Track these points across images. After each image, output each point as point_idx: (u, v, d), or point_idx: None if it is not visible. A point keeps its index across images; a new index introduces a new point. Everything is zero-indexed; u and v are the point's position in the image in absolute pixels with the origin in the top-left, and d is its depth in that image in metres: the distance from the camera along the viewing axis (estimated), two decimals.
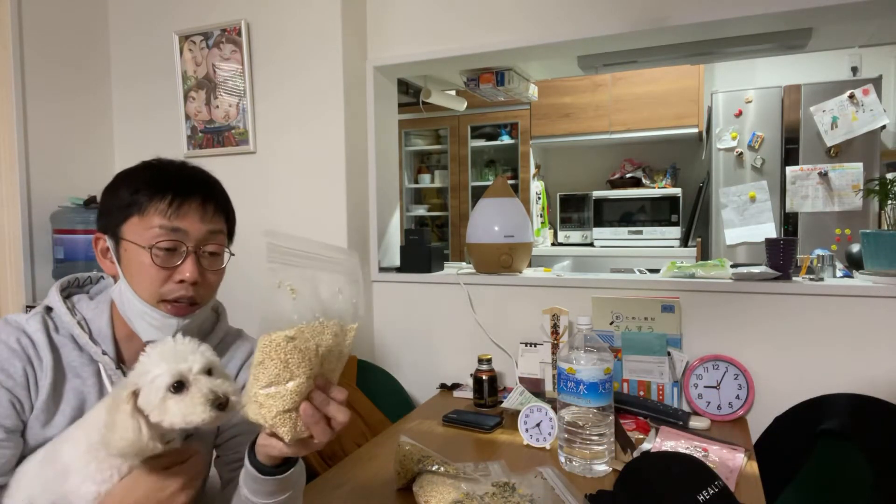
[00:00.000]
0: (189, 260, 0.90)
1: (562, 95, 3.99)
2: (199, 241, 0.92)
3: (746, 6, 1.63)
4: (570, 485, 1.15)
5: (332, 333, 0.75)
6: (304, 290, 0.75)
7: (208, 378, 0.78)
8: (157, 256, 0.88)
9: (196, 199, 0.92)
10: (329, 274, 0.78)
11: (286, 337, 0.72)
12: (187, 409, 0.75)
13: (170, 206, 0.89)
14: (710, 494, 0.94)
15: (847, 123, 3.03)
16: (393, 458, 1.21)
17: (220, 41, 2.06)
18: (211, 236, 0.93)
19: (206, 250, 0.93)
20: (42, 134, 2.01)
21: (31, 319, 0.90)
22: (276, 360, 0.72)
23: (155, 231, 0.89)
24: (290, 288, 0.75)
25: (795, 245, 1.68)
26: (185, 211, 0.90)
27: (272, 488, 0.83)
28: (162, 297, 0.90)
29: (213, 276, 0.95)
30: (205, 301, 0.95)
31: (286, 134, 2.02)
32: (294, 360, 0.72)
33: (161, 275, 0.89)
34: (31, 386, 0.87)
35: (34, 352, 0.88)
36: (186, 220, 0.90)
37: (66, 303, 0.94)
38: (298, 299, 0.74)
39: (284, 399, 0.72)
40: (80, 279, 1.03)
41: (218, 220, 0.95)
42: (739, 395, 1.58)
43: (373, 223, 2.10)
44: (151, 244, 0.88)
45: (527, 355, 1.75)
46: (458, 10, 1.95)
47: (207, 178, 0.98)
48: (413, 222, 4.64)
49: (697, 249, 3.40)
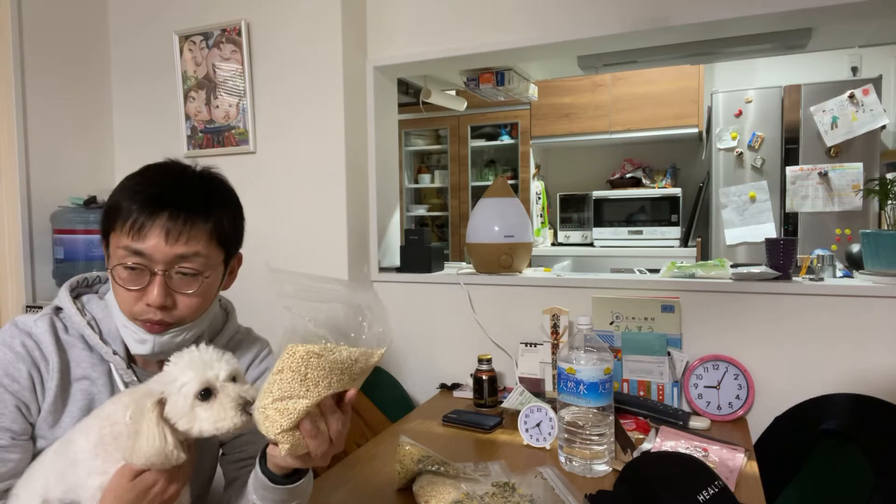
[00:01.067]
0: (155, 283, 0.85)
1: (562, 95, 3.99)
2: (168, 264, 0.85)
3: (746, 6, 1.63)
4: (570, 485, 1.15)
5: (355, 360, 0.75)
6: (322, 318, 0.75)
7: (235, 384, 0.78)
8: (120, 278, 0.86)
9: (161, 215, 0.84)
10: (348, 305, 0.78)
11: (310, 351, 0.71)
12: (218, 416, 0.75)
13: (132, 228, 0.84)
14: (710, 494, 0.94)
15: (847, 123, 3.03)
16: (393, 458, 1.21)
17: (220, 41, 2.06)
18: (180, 259, 0.86)
19: (178, 270, 0.86)
20: (42, 134, 2.01)
21: (39, 321, 0.90)
22: (295, 372, 0.71)
23: (120, 252, 0.85)
24: (309, 319, 0.75)
25: (795, 245, 1.68)
26: (148, 231, 0.83)
27: (282, 497, 0.83)
28: (135, 315, 0.88)
29: (188, 300, 0.88)
30: (184, 321, 0.90)
31: (286, 134, 2.02)
32: (312, 378, 0.72)
33: (131, 295, 0.86)
34: (38, 388, 0.87)
35: (40, 354, 0.87)
36: (148, 243, 0.84)
37: (75, 303, 0.93)
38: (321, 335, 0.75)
39: (291, 417, 0.72)
40: (89, 279, 1.01)
41: (193, 239, 0.86)
42: (739, 395, 1.58)
43: (373, 223, 2.10)
44: (115, 265, 0.86)
45: (527, 355, 1.75)
46: (458, 10, 1.95)
47: (182, 186, 0.89)
48: (413, 222, 4.64)
49: (697, 249, 3.40)
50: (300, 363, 0.71)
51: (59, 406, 0.88)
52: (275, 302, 0.74)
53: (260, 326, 1.15)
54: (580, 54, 2.15)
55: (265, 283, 0.75)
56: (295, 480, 0.83)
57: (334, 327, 0.75)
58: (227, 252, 0.95)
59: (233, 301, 1.13)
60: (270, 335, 1.14)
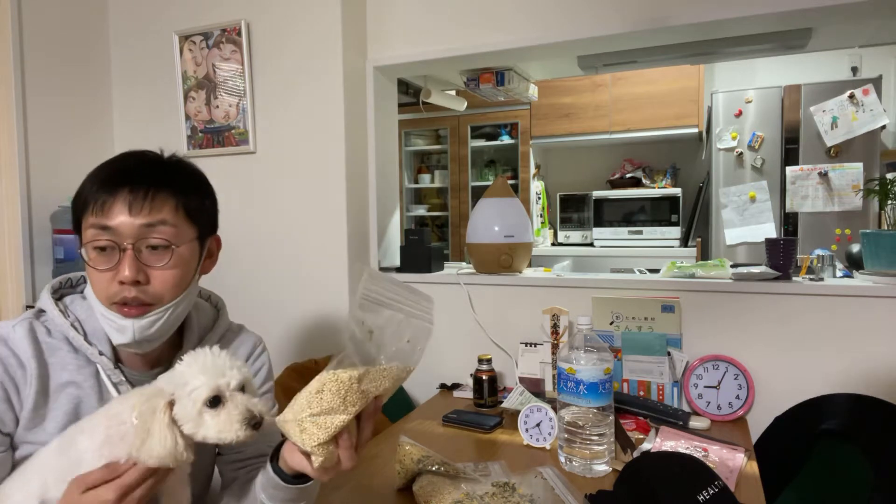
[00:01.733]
0: (125, 258, 0.83)
1: (562, 95, 3.99)
2: (135, 237, 0.84)
3: (746, 6, 1.63)
4: (570, 485, 1.15)
5: (392, 377, 0.78)
6: (380, 333, 0.77)
7: (244, 396, 0.78)
8: (90, 259, 0.85)
9: (122, 189, 0.84)
10: (406, 319, 0.79)
11: (353, 377, 0.74)
12: (222, 426, 0.75)
13: (96, 203, 0.84)
14: (710, 494, 0.94)
15: (847, 123, 3.03)
16: (393, 458, 1.21)
17: (220, 41, 2.06)
18: (147, 230, 0.84)
19: (147, 244, 0.85)
20: (42, 134, 2.01)
21: (17, 326, 0.87)
22: (336, 394, 0.73)
23: (89, 233, 0.85)
24: (370, 330, 0.76)
25: (795, 245, 1.68)
26: (111, 205, 0.83)
27: (292, 496, 0.84)
28: (111, 299, 0.85)
29: (163, 273, 0.86)
30: (161, 300, 0.87)
31: (286, 134, 2.02)
32: (351, 400, 0.74)
33: (104, 277, 0.85)
34: (13, 398, 0.84)
35: (16, 361, 0.85)
36: (113, 216, 0.83)
37: (58, 304, 0.91)
38: (373, 340, 0.76)
39: (328, 431, 0.73)
40: (72, 279, 0.99)
41: (158, 210, 0.85)
42: (739, 395, 1.58)
43: (373, 223, 2.10)
44: (85, 243, 0.85)
45: (527, 355, 1.75)
46: (458, 10, 1.95)
47: (142, 162, 0.89)
48: (413, 222, 4.64)
49: (697, 249, 3.40)
50: (341, 387, 0.73)
51: (40, 412, 0.85)
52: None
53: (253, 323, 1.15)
54: (580, 54, 2.16)
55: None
56: (306, 480, 0.83)
57: (387, 341, 0.78)
58: (200, 229, 0.92)
59: (228, 299, 1.13)
60: (264, 332, 1.14)
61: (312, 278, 1.99)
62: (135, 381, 0.92)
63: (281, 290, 2.03)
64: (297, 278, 2.01)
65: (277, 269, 2.03)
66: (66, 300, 0.94)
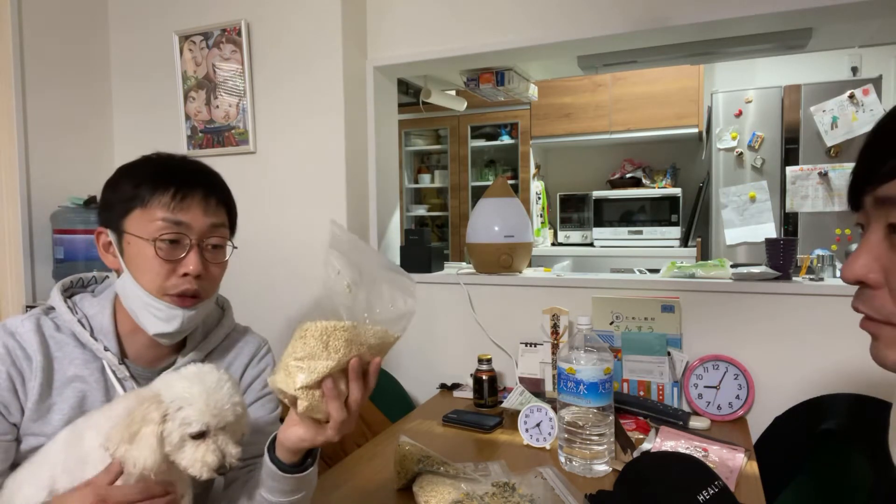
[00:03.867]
0: (192, 253, 0.91)
1: (562, 95, 3.99)
2: (201, 234, 0.92)
3: (746, 6, 1.63)
4: (570, 485, 1.15)
5: (378, 337, 0.79)
6: (357, 289, 0.78)
7: (225, 437, 0.79)
8: (160, 249, 0.89)
9: (198, 192, 0.92)
10: (388, 283, 0.80)
11: (336, 326, 0.75)
12: (194, 460, 0.77)
13: (173, 199, 0.90)
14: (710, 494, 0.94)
15: (847, 123, 3.03)
16: (393, 458, 1.21)
17: (220, 41, 2.06)
18: (213, 229, 0.94)
19: (208, 243, 0.94)
20: (42, 134, 2.01)
21: (25, 321, 0.91)
22: (318, 340, 0.75)
23: (158, 224, 0.89)
24: (348, 284, 0.77)
25: (795, 245, 1.68)
26: (188, 204, 0.91)
27: (291, 486, 0.85)
28: (166, 290, 0.90)
29: (217, 269, 0.96)
30: (208, 294, 0.95)
31: (286, 134, 2.02)
32: (334, 346, 0.75)
33: (165, 268, 0.89)
34: (18, 389, 0.87)
35: (22, 353, 0.88)
36: (189, 214, 0.91)
37: (66, 302, 0.94)
38: (354, 295, 0.77)
39: (313, 375, 0.74)
40: (84, 279, 1.03)
41: (220, 214, 0.96)
42: (739, 395, 1.58)
43: (373, 223, 2.10)
44: (155, 237, 0.89)
45: (527, 355, 1.75)
46: (458, 10, 1.95)
47: (209, 171, 0.99)
48: (413, 222, 4.64)
49: (697, 249, 3.40)
50: (321, 332, 0.75)
51: (45, 404, 0.88)
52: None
53: (253, 323, 1.15)
54: (580, 54, 2.15)
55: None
56: (303, 469, 0.85)
57: (365, 299, 0.78)
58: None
59: (233, 300, 1.13)
60: (264, 332, 1.14)
61: (313, 278, 1.99)
62: (140, 378, 0.95)
63: (281, 290, 2.03)
64: (297, 278, 2.01)
65: (278, 269, 2.03)
66: (75, 298, 0.98)
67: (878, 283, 0.54)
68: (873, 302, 0.55)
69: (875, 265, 0.54)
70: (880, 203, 0.53)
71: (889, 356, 0.56)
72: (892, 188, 0.52)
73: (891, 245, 0.53)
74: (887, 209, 0.53)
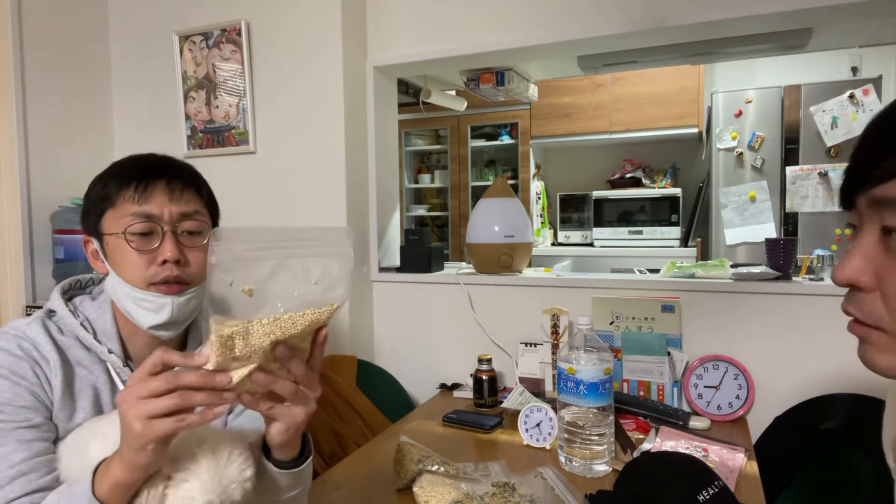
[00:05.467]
0: (167, 240, 0.91)
1: (562, 95, 3.99)
2: (172, 221, 0.92)
3: (746, 6, 1.63)
4: (570, 485, 1.15)
5: (306, 318, 0.69)
6: (267, 286, 0.70)
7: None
8: (132, 241, 0.90)
9: (161, 181, 0.93)
10: (306, 260, 0.72)
11: (224, 335, 0.66)
12: None
13: (136, 191, 0.91)
14: (710, 494, 0.94)
15: (847, 123, 3.02)
16: (393, 458, 1.21)
17: (220, 41, 2.05)
18: (184, 217, 0.94)
19: (183, 229, 0.93)
20: (42, 134, 2.01)
21: (31, 324, 0.91)
22: (222, 347, 0.67)
23: (127, 219, 0.90)
24: (248, 289, 0.70)
25: (795, 245, 1.68)
26: (151, 194, 0.91)
27: (288, 482, 0.84)
28: (149, 280, 0.90)
29: (196, 254, 0.95)
30: (195, 280, 0.94)
31: (286, 134, 2.02)
32: (244, 353, 0.67)
33: (143, 259, 0.90)
34: (45, 385, 0.87)
35: (38, 354, 0.88)
36: (153, 203, 0.91)
37: (67, 305, 0.94)
38: (258, 296, 0.70)
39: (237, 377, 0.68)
40: (81, 281, 1.03)
41: (190, 200, 0.95)
42: (739, 395, 1.58)
43: (373, 223, 2.10)
44: (125, 229, 0.90)
45: (527, 355, 1.75)
46: (458, 9, 1.95)
47: (174, 161, 0.98)
48: (413, 222, 4.64)
49: (697, 249, 3.40)
50: (222, 345, 0.66)
51: (68, 400, 0.88)
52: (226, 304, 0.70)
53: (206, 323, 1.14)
54: (580, 54, 2.15)
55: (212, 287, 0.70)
56: (298, 465, 0.84)
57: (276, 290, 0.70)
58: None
59: None
60: None
61: None
62: None
63: None
64: None
65: None
66: (75, 301, 0.98)
67: (870, 286, 0.54)
68: (863, 305, 0.55)
69: (867, 268, 0.54)
70: (875, 204, 0.53)
71: (878, 360, 0.55)
72: (888, 189, 0.51)
73: (884, 248, 0.53)
74: (882, 211, 0.52)
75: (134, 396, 0.67)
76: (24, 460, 0.80)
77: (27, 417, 0.83)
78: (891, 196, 0.51)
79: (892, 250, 0.52)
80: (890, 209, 0.51)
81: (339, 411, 1.69)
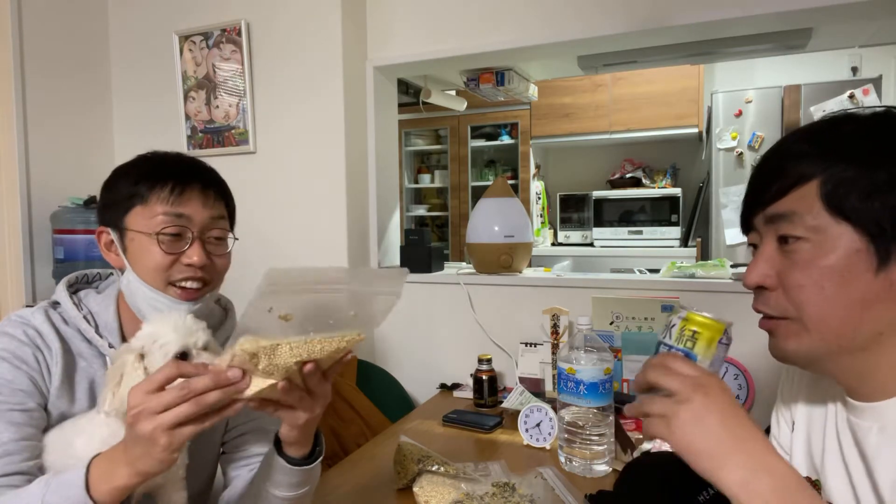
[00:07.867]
0: (195, 245, 0.92)
1: (562, 95, 3.99)
2: (203, 227, 0.93)
3: (746, 6, 1.63)
4: (570, 485, 1.15)
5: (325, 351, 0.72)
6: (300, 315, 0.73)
7: (208, 354, 0.80)
8: (163, 243, 0.90)
9: (196, 184, 0.93)
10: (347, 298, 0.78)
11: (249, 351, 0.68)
12: None
13: (171, 193, 0.91)
14: (710, 494, 0.94)
15: None
16: (393, 458, 1.21)
17: (220, 41, 2.05)
18: (214, 221, 0.95)
19: (210, 235, 0.95)
20: (42, 134, 2.01)
21: (35, 313, 0.91)
22: (245, 364, 0.69)
23: (159, 219, 0.90)
24: (284, 314, 0.72)
25: None
26: (187, 197, 0.92)
27: (298, 479, 0.87)
28: (170, 279, 0.91)
29: (220, 261, 0.97)
30: (213, 285, 0.96)
31: (286, 134, 2.02)
32: (266, 370, 0.69)
33: (168, 259, 0.90)
34: (45, 372, 0.88)
35: (42, 341, 0.89)
36: (189, 206, 0.92)
37: (72, 298, 0.95)
38: (292, 322, 0.73)
39: (254, 390, 0.70)
40: (88, 276, 1.04)
41: (219, 206, 0.97)
42: (739, 395, 1.58)
43: (373, 223, 2.10)
44: (157, 231, 0.90)
45: (527, 355, 1.75)
46: (458, 10, 1.95)
47: (204, 166, 1.00)
48: (413, 222, 4.64)
49: (697, 249, 3.39)
50: (244, 362, 0.69)
51: (66, 388, 0.89)
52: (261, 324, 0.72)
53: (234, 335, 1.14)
54: (580, 54, 2.15)
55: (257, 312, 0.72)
56: (310, 462, 0.87)
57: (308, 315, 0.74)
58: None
59: (232, 300, 1.13)
60: None
61: None
62: None
63: None
64: None
65: None
66: (80, 294, 0.98)
67: (774, 285, 0.67)
68: (770, 301, 0.69)
69: (771, 271, 0.67)
70: (770, 220, 0.66)
71: (787, 346, 0.68)
72: (779, 206, 0.65)
73: (782, 253, 0.66)
74: (776, 224, 0.65)
75: (148, 412, 0.67)
76: (10, 440, 0.80)
77: (21, 401, 0.84)
78: (781, 211, 0.64)
79: (788, 253, 0.65)
80: (783, 221, 0.64)
81: (339, 411, 1.69)
